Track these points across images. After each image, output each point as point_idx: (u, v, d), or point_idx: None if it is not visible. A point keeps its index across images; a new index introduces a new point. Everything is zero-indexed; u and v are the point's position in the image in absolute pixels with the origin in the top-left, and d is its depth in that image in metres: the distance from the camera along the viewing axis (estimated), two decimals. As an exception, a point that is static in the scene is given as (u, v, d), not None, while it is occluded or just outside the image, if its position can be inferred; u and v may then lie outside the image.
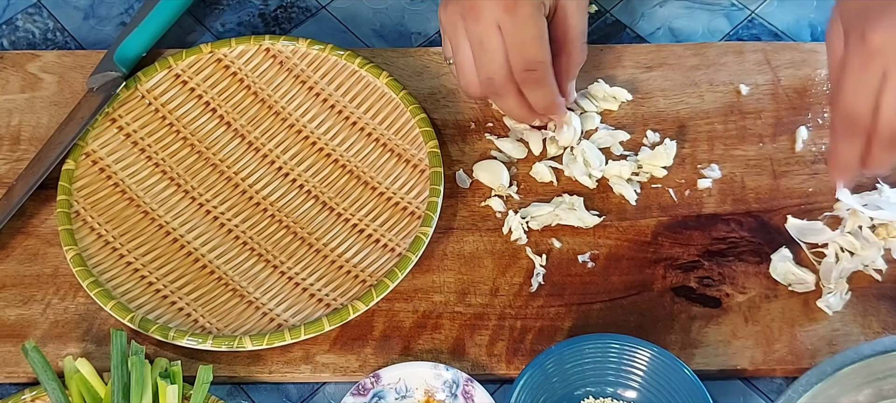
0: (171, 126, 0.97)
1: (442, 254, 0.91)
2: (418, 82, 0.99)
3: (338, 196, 0.94)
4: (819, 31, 1.05)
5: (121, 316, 0.86)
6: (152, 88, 0.98)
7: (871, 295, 0.89)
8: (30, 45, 1.05)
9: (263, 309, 0.88)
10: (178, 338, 0.85)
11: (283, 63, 1.00)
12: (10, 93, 1.00)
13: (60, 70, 1.01)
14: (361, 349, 0.87)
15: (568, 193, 0.93)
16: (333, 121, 0.97)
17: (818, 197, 0.93)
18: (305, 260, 0.90)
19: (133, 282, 0.89)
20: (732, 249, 0.91)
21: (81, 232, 0.91)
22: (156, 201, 0.93)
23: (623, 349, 0.84)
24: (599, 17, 1.06)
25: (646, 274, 0.90)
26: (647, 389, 0.84)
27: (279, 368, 0.86)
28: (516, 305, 0.89)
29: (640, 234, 0.92)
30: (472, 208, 0.93)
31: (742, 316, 0.88)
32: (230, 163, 0.95)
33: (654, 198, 0.94)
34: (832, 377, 0.77)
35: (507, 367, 0.86)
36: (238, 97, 0.99)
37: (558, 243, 0.91)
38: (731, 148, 0.96)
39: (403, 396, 0.84)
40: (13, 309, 0.89)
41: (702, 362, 0.86)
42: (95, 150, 0.95)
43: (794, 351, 0.86)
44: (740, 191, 0.94)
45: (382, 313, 0.88)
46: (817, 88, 0.99)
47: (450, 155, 0.96)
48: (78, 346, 0.87)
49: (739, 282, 0.89)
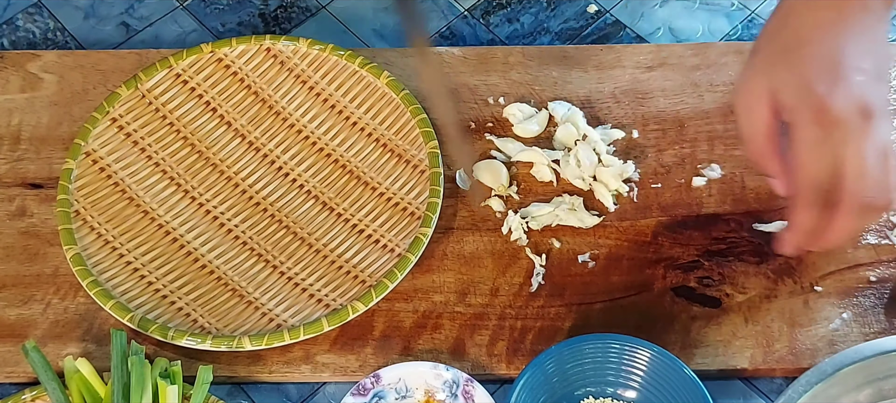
0: (171, 125, 0.97)
1: (442, 254, 0.91)
2: (418, 82, 0.99)
3: (338, 196, 0.94)
4: (819, 31, 1.05)
5: (120, 315, 0.86)
6: (153, 88, 0.98)
7: (871, 296, 0.89)
8: (30, 44, 1.05)
9: (263, 309, 0.88)
10: (178, 338, 0.85)
11: (283, 63, 1.00)
12: (10, 93, 1.00)
13: (60, 70, 1.01)
14: (361, 349, 0.87)
15: (568, 193, 0.93)
16: (334, 121, 0.97)
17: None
18: (305, 260, 0.90)
19: (133, 282, 0.89)
20: (732, 249, 0.91)
21: (81, 231, 0.91)
22: (156, 201, 0.93)
23: (623, 349, 0.84)
24: (599, 17, 1.06)
25: (646, 274, 0.90)
26: (647, 389, 0.84)
27: (279, 368, 0.86)
28: (516, 305, 0.89)
29: (640, 234, 0.92)
30: (472, 208, 0.93)
31: (742, 316, 0.88)
32: (230, 163, 0.95)
33: (654, 198, 0.94)
34: (832, 377, 0.77)
35: (507, 367, 0.86)
36: (238, 97, 0.99)
37: (558, 243, 0.91)
38: (731, 148, 0.96)
39: (403, 396, 0.84)
40: (13, 309, 0.89)
41: (702, 362, 0.86)
42: (96, 150, 0.95)
43: (794, 351, 0.86)
44: (740, 191, 0.94)
45: (382, 313, 0.88)
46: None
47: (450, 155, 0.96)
48: (78, 346, 0.87)
49: (739, 282, 0.89)
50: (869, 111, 0.76)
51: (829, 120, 0.76)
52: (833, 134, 0.76)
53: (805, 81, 0.77)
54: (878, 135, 0.77)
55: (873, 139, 0.77)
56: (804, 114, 0.77)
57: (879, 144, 0.77)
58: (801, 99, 0.77)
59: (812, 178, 0.78)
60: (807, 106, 0.77)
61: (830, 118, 0.76)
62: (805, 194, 0.78)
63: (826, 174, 0.77)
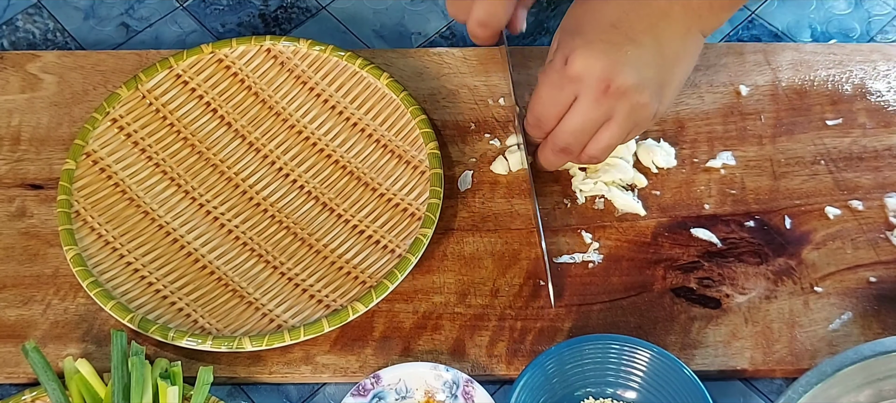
0: (171, 126, 0.97)
1: (442, 255, 0.91)
2: (418, 83, 0.99)
3: (338, 197, 0.94)
4: (819, 32, 1.05)
5: (121, 316, 0.86)
6: (153, 88, 0.98)
7: (871, 296, 0.89)
8: (30, 45, 1.05)
9: (263, 309, 0.88)
10: (178, 339, 0.85)
11: (283, 64, 1.00)
12: (10, 93, 1.00)
13: (60, 70, 1.01)
14: (361, 349, 0.87)
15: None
16: (334, 122, 0.97)
17: (818, 197, 0.94)
18: (305, 261, 0.90)
19: (133, 283, 0.89)
20: (732, 250, 0.91)
21: (81, 232, 0.91)
22: (156, 201, 0.93)
23: (623, 349, 0.84)
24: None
25: (646, 274, 0.90)
26: (647, 390, 0.84)
27: (279, 369, 0.86)
28: (516, 306, 0.89)
29: (640, 235, 0.92)
30: (472, 209, 0.93)
31: (742, 317, 0.88)
32: (231, 164, 0.95)
33: (654, 198, 0.94)
34: (832, 377, 0.77)
35: (507, 368, 0.86)
36: (238, 97, 0.99)
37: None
38: (731, 148, 0.96)
39: (403, 397, 0.84)
40: (13, 309, 0.89)
41: (702, 362, 0.86)
42: (96, 150, 0.95)
43: (794, 352, 0.86)
44: (740, 191, 0.94)
45: (383, 314, 0.88)
46: (817, 89, 0.99)
47: (450, 156, 0.96)
48: (78, 347, 0.87)
49: (739, 283, 0.89)
50: (610, 85, 0.82)
51: (568, 74, 0.84)
52: (567, 86, 0.84)
53: (573, 29, 0.85)
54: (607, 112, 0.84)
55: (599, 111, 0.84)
56: (556, 56, 0.85)
57: (599, 119, 0.84)
58: (563, 42, 0.85)
59: (538, 112, 0.87)
60: (561, 51, 0.85)
61: (569, 73, 0.84)
62: (531, 119, 0.88)
63: (550, 114, 0.86)
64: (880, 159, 0.96)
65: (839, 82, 1.00)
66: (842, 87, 1.00)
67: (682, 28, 0.86)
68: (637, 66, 0.83)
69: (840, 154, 0.96)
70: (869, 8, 1.07)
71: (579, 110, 0.85)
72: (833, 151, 0.96)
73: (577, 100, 0.84)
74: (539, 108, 0.87)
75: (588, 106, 0.84)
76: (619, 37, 0.83)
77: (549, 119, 0.87)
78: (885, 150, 0.96)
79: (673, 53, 0.86)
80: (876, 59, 1.01)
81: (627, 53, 0.83)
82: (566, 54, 0.84)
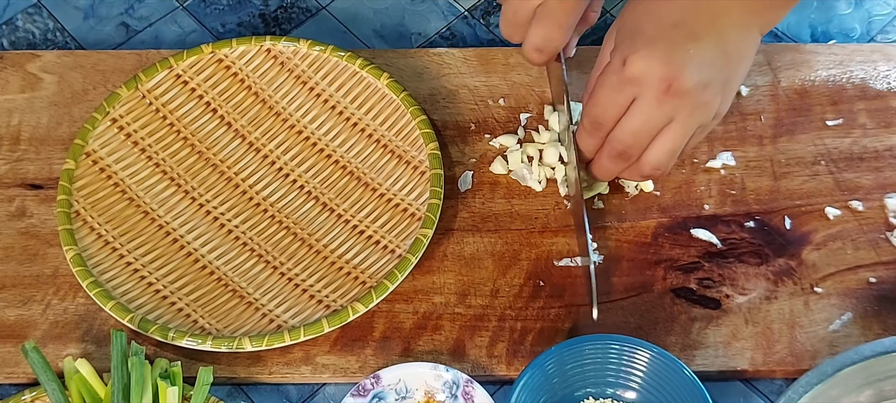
0: (171, 126, 0.97)
1: (442, 256, 0.91)
2: (419, 83, 0.99)
3: (338, 197, 0.94)
4: (819, 32, 1.05)
5: (120, 316, 0.86)
6: (153, 88, 0.98)
7: (871, 297, 0.89)
8: (30, 45, 1.05)
9: (263, 310, 0.88)
10: (178, 339, 0.85)
11: (283, 64, 1.00)
12: (10, 93, 1.00)
13: (60, 70, 1.01)
14: (361, 350, 0.87)
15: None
16: (334, 122, 0.97)
17: (818, 197, 0.94)
18: (305, 261, 0.90)
19: (133, 283, 0.89)
20: (732, 250, 0.91)
21: (81, 232, 0.91)
22: (156, 201, 0.93)
23: (623, 350, 0.84)
24: (600, 17, 1.06)
25: (646, 275, 0.90)
26: (647, 390, 0.84)
27: (279, 369, 0.86)
28: (516, 306, 0.89)
29: (640, 236, 0.92)
30: (472, 209, 0.93)
31: (742, 318, 0.88)
32: (230, 164, 0.95)
33: (654, 199, 0.94)
34: (833, 378, 0.77)
35: (507, 368, 0.86)
36: (239, 98, 0.99)
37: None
38: (732, 148, 0.96)
39: (403, 397, 0.84)
40: (13, 309, 0.89)
41: (702, 363, 0.86)
42: (96, 150, 0.95)
43: (795, 352, 0.86)
44: (740, 192, 0.94)
45: (383, 314, 0.88)
46: (818, 89, 0.99)
47: (450, 156, 0.96)
48: (78, 347, 0.87)
49: (739, 284, 0.89)
50: (672, 85, 0.80)
51: (627, 74, 0.81)
52: (626, 88, 0.82)
53: (631, 30, 0.83)
54: (670, 113, 0.82)
55: (661, 112, 0.82)
56: (615, 57, 0.83)
57: (660, 120, 0.82)
58: (621, 43, 0.83)
59: (597, 113, 0.84)
60: (619, 52, 0.83)
61: (628, 74, 0.81)
62: (588, 121, 0.86)
63: (609, 116, 0.84)
64: (881, 159, 0.96)
65: (839, 82, 1.00)
66: (842, 88, 1.00)
67: (742, 26, 0.84)
68: (699, 65, 0.81)
69: (840, 154, 0.96)
70: (869, 8, 1.07)
71: (639, 110, 0.82)
72: (833, 152, 0.96)
73: (636, 100, 0.82)
74: (597, 111, 0.84)
75: (649, 105, 0.81)
76: (680, 36, 0.81)
77: (608, 120, 0.84)
78: (886, 151, 0.96)
79: (735, 51, 0.84)
80: (876, 59, 1.01)
81: (689, 52, 0.81)
82: (625, 55, 0.82)
